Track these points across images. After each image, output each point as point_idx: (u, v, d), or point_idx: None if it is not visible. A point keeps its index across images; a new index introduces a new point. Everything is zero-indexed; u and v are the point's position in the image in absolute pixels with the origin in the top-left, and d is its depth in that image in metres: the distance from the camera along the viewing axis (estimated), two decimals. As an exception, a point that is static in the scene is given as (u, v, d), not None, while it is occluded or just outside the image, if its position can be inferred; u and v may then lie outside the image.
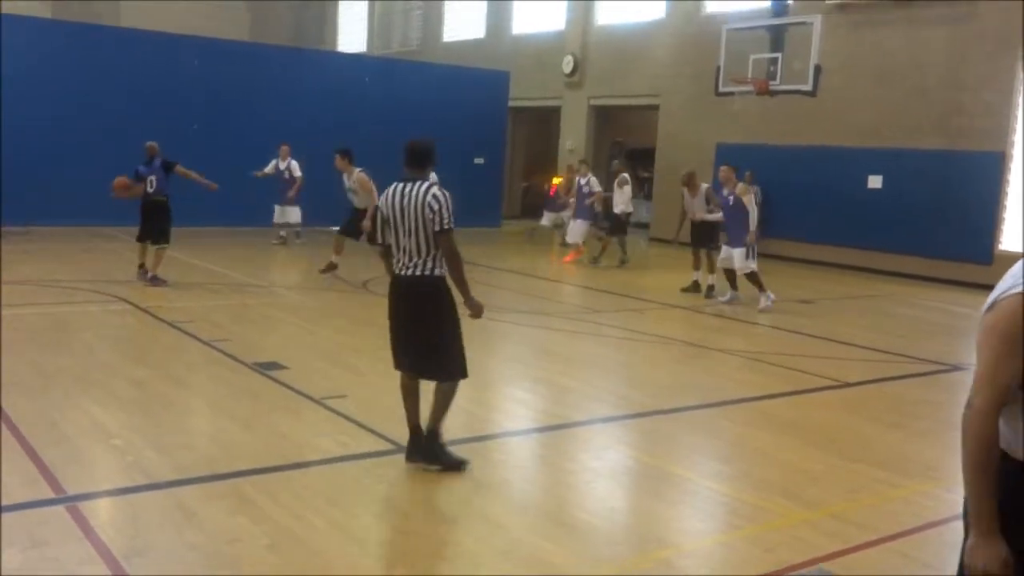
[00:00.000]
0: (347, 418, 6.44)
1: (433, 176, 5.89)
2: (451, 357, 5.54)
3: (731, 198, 12.39)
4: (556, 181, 25.68)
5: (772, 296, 12.46)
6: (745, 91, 16.66)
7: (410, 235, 5.38)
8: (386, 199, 5.50)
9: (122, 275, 12.50)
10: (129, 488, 5.02)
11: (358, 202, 12.95)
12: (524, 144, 28.57)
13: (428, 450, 5.57)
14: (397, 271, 5.51)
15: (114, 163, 17.88)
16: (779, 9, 17.61)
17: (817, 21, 15.65)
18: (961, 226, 16.84)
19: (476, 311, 5.62)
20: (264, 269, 14.07)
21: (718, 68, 17.21)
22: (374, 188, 12.45)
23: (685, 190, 13.75)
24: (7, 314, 9.41)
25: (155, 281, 11.81)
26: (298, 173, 16.80)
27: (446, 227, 5.35)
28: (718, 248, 13.17)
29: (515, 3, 27.43)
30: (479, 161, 23.22)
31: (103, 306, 10.36)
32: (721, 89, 17.25)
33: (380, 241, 5.65)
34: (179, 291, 11.61)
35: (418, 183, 5.44)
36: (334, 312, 11.20)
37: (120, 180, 11.76)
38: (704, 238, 13.64)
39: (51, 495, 4.82)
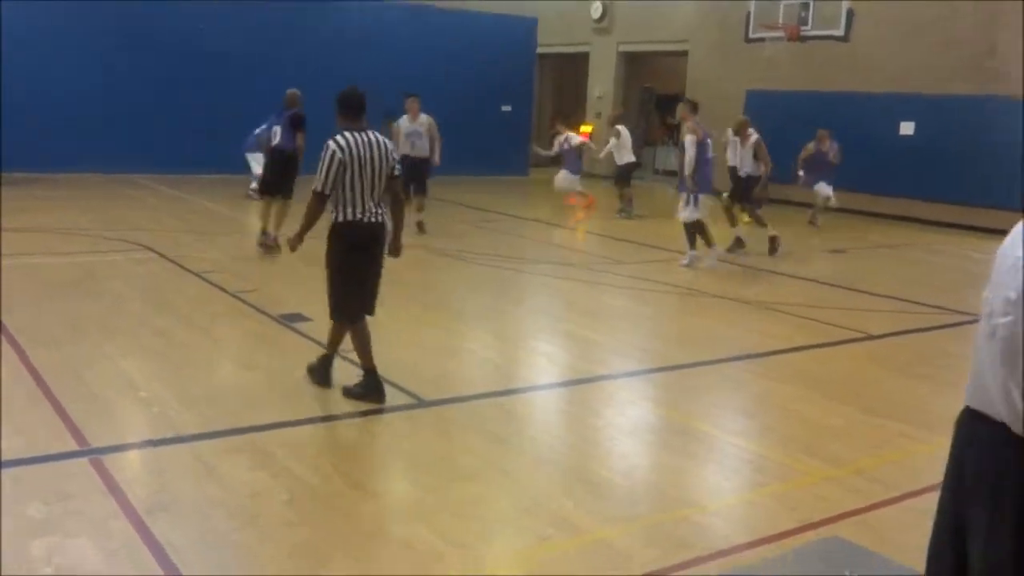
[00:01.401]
0: (369, 371, 6.43)
1: None
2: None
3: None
4: (585, 129, 25.46)
5: (719, 252, 11.38)
6: (776, 37, 16.34)
7: (376, 184, 5.70)
8: (352, 149, 5.62)
9: (147, 223, 12.56)
10: (153, 441, 5.05)
11: (418, 148, 12.82)
12: (552, 91, 28.27)
13: (378, 384, 5.82)
14: (357, 218, 5.67)
15: (139, 110, 18.07)
16: (812, -48, 17.19)
17: (851, -36, 15.27)
18: (992, 172, 16.53)
19: (399, 252, 6.11)
20: (288, 220, 14.06)
21: (748, 14, 16.88)
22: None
23: (737, 139, 12.85)
24: (34, 263, 9.50)
25: (268, 243, 10.74)
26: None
27: (400, 173, 5.92)
28: (752, 202, 12.74)
29: (543, -53, 26.94)
30: (506, 109, 23.02)
31: (128, 255, 10.40)
32: (751, 35, 16.93)
33: (322, 190, 5.64)
34: (205, 240, 11.64)
35: (371, 133, 5.76)
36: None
37: None
38: (745, 192, 12.76)
39: (76, 447, 4.86)
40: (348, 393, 5.84)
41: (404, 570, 3.81)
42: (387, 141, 5.83)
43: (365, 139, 5.68)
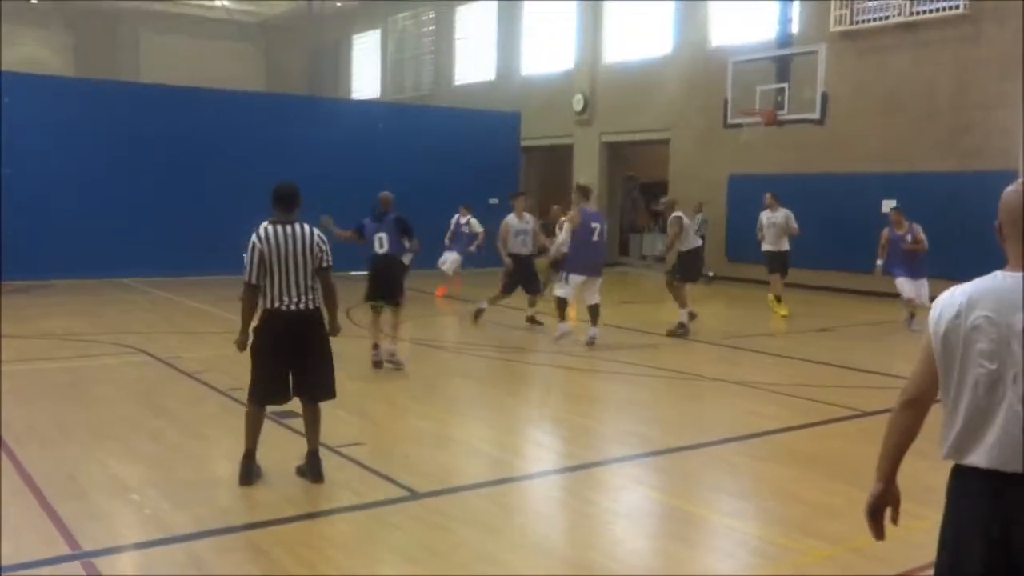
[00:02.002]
0: (362, 466, 6.41)
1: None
2: (331, 378, 6.17)
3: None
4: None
5: (566, 329, 12.04)
6: (753, 122, 16.68)
7: (297, 274, 5.89)
8: (271, 240, 5.89)
9: (141, 326, 12.61)
10: (145, 542, 5.02)
11: (528, 246, 13.05)
12: (538, 183, 28.67)
13: (317, 467, 6.02)
14: (276, 306, 5.90)
15: (132, 215, 18.28)
16: (784, 40, 17.68)
17: (822, 50, 15.69)
18: (976, 246, 16.70)
19: (337, 333, 6.29)
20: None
21: (726, 101, 17.25)
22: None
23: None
24: (28, 368, 9.52)
25: (388, 359, 10.00)
26: None
27: (329, 264, 6.02)
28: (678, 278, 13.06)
29: (524, 45, 27.70)
30: (493, 202, 23.26)
31: (122, 358, 10.42)
32: (730, 121, 17.29)
33: (249, 280, 5.93)
34: (196, 340, 11.67)
35: (299, 225, 5.99)
36: (351, 359, 11.16)
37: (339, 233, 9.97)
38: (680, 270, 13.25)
39: (67, 551, 4.82)
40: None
41: (400, 665, 3.76)
42: (318, 234, 6.02)
43: (289, 231, 5.92)
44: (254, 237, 5.93)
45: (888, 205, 18.14)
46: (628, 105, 24.00)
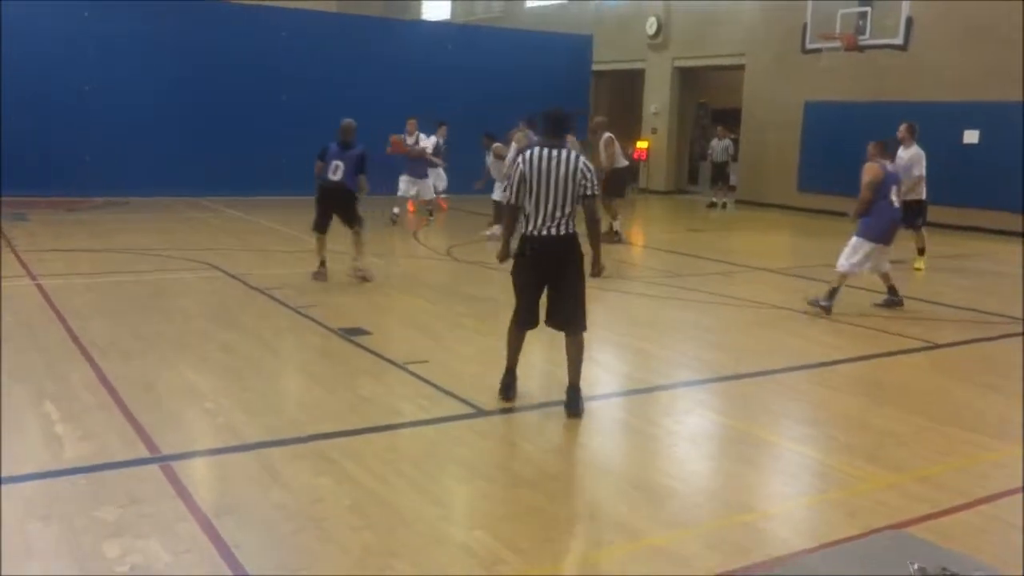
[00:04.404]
0: (428, 382, 6.52)
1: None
2: (584, 308, 6.04)
3: None
4: (641, 145, 25.45)
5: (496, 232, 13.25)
6: (833, 47, 16.19)
7: (556, 199, 5.74)
8: (534, 163, 5.77)
9: (214, 244, 12.86)
10: (219, 449, 5.19)
11: None
12: (608, 108, 28.25)
13: (574, 401, 5.96)
14: (530, 232, 5.82)
15: (205, 135, 18.53)
16: (869, -40, 17.01)
17: (909, -29, 15.10)
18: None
19: (600, 274, 6.15)
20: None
21: (805, 25, 16.75)
22: None
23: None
24: (109, 281, 9.81)
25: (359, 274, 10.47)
26: (426, 144, 15.94)
27: (595, 192, 5.83)
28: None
29: (597, -35, 27.09)
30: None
31: (196, 273, 10.66)
32: (808, 46, 16.81)
33: (507, 201, 5.95)
34: (268, 258, 11.88)
35: (566, 151, 5.78)
36: (418, 279, 11.32)
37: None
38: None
39: (147, 455, 5.01)
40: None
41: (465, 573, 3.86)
42: (583, 162, 5.79)
43: (555, 155, 5.74)
44: (519, 158, 5.87)
45: (970, 136, 17.60)
46: (702, 29, 23.43)
